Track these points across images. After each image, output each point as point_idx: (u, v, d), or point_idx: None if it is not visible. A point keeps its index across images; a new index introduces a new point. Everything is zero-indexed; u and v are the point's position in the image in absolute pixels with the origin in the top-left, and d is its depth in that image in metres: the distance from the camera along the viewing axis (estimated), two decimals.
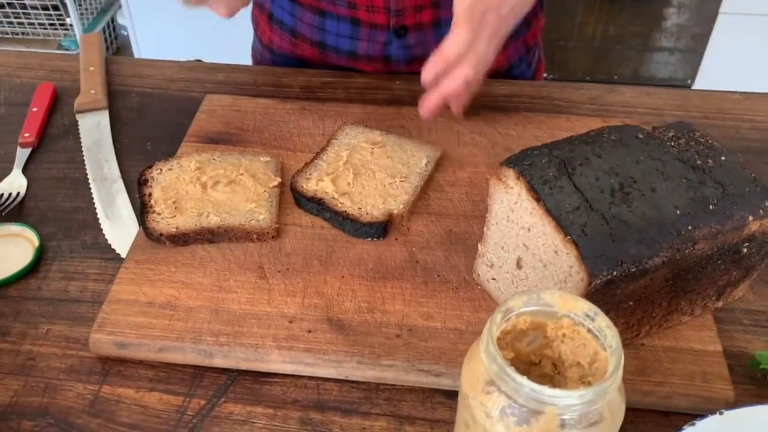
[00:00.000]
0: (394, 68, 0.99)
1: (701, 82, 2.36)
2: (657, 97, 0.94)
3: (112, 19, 2.75)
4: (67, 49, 2.57)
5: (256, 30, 1.09)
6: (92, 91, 0.93)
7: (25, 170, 0.84)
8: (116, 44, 2.80)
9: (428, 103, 0.78)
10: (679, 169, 0.60)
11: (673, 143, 0.62)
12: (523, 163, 0.59)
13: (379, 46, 0.97)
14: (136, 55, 2.57)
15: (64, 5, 2.46)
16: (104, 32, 2.67)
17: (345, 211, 0.73)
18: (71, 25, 2.52)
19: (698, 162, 0.61)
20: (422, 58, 0.97)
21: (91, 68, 0.97)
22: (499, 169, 0.61)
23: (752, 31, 2.22)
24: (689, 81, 2.50)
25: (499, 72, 1.02)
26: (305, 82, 0.97)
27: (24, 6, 2.51)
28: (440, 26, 0.95)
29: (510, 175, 0.60)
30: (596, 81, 2.49)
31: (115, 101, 0.94)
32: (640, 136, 0.63)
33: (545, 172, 0.58)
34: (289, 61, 1.04)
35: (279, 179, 0.78)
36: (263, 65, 1.09)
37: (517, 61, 1.03)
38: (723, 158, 0.62)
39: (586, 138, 0.62)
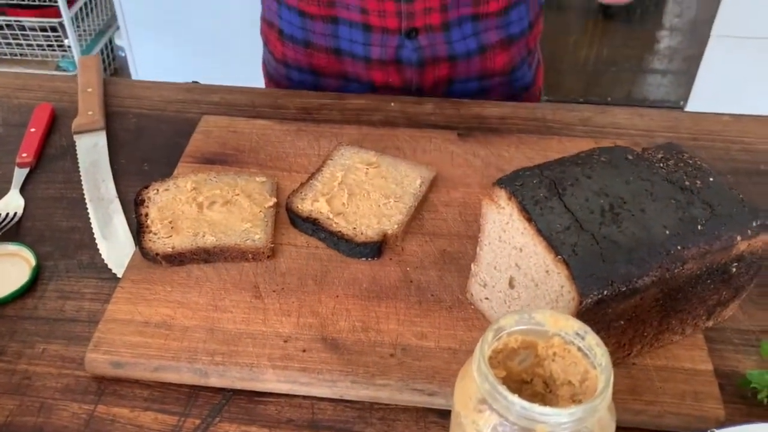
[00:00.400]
0: (406, 72, 1.02)
1: (694, 104, 2.38)
2: (648, 118, 0.95)
3: (110, 41, 2.77)
4: (65, 70, 2.58)
5: (266, 45, 1.11)
6: (90, 112, 0.94)
7: (22, 190, 0.85)
8: (114, 65, 2.82)
9: None
10: (668, 189, 0.61)
11: (662, 164, 0.63)
12: (514, 183, 0.60)
13: (392, 50, 1.00)
14: (134, 77, 2.58)
15: (63, 27, 2.48)
16: (102, 54, 2.69)
17: (340, 231, 0.74)
18: (69, 47, 2.54)
19: (687, 183, 0.62)
20: (433, 60, 0.99)
21: (89, 89, 0.98)
22: (491, 190, 0.62)
23: (744, 54, 2.25)
24: (682, 103, 2.53)
25: (504, 72, 1.05)
26: (301, 103, 0.98)
27: (23, 27, 2.53)
28: (449, 29, 0.98)
29: (502, 195, 0.61)
30: (590, 103, 2.51)
31: (112, 122, 0.95)
32: (630, 157, 0.64)
33: (536, 193, 0.59)
34: (305, 73, 1.07)
35: (274, 199, 0.79)
36: (277, 80, 1.11)
37: (519, 62, 1.07)
38: (711, 179, 0.62)
39: (576, 159, 0.63)
